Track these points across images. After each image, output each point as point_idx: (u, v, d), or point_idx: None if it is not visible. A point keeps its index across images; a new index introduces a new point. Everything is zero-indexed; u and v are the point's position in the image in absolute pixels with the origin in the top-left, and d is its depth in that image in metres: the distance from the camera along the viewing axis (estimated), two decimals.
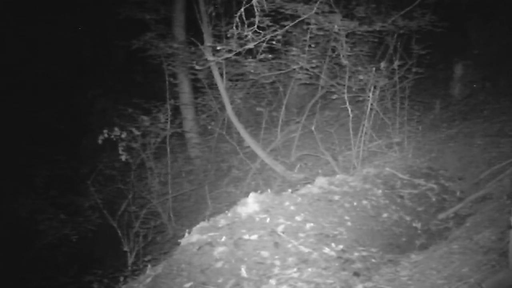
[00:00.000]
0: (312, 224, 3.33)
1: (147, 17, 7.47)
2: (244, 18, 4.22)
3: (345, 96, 5.48)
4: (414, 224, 3.92)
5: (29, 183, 7.59)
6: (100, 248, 7.17)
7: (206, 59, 6.36)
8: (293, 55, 5.99)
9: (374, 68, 5.47)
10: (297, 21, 5.11)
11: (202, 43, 6.45)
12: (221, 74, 6.71)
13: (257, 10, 4.29)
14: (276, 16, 5.28)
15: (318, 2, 4.84)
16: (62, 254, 6.97)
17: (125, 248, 5.58)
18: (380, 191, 4.21)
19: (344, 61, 5.61)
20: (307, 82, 6.80)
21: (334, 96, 6.01)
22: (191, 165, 7.83)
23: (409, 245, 3.63)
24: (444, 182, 4.69)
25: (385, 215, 3.89)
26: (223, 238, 3.06)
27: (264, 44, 5.40)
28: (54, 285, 6.12)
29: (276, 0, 5.21)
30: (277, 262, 2.88)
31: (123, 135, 6.06)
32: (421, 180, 4.61)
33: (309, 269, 2.80)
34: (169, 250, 5.30)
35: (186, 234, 3.20)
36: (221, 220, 3.32)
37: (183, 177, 7.61)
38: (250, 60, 6.20)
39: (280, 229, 3.20)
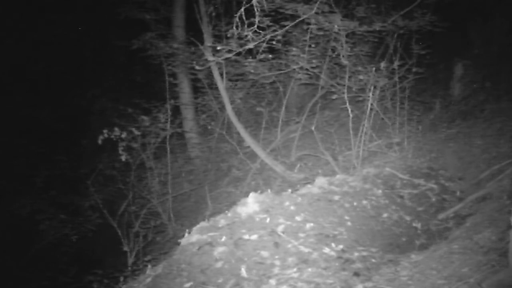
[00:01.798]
0: (312, 224, 3.33)
1: (147, 17, 7.49)
2: (244, 18, 4.22)
3: (345, 96, 5.48)
4: (414, 224, 3.92)
5: (29, 183, 7.57)
6: (100, 248, 7.16)
7: (206, 59, 6.36)
8: (293, 55, 5.98)
9: (374, 68, 5.47)
10: (297, 21, 5.11)
11: (202, 43, 6.46)
12: (221, 74, 6.71)
13: (257, 10, 4.29)
14: (276, 16, 5.27)
15: (318, 2, 4.83)
16: (62, 254, 6.96)
17: (125, 248, 5.59)
18: (380, 191, 4.21)
19: (344, 61, 5.60)
20: (307, 82, 6.79)
21: (334, 96, 6.00)
22: (191, 165, 7.83)
23: (409, 245, 3.63)
24: (444, 182, 4.70)
25: (385, 215, 3.89)
26: (223, 238, 3.06)
27: (264, 44, 5.39)
28: (54, 285, 6.11)
29: (276, 0, 5.20)
30: (277, 262, 2.88)
31: (123, 135, 6.06)
32: (421, 180, 4.61)
33: (309, 269, 2.80)
34: (169, 250, 5.29)
35: (186, 234, 3.20)
36: (221, 220, 3.33)
37: (183, 177, 7.61)
38: (250, 60, 6.20)
39: (280, 229, 3.20)
